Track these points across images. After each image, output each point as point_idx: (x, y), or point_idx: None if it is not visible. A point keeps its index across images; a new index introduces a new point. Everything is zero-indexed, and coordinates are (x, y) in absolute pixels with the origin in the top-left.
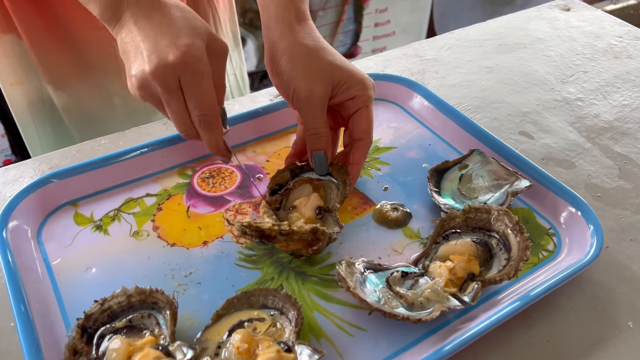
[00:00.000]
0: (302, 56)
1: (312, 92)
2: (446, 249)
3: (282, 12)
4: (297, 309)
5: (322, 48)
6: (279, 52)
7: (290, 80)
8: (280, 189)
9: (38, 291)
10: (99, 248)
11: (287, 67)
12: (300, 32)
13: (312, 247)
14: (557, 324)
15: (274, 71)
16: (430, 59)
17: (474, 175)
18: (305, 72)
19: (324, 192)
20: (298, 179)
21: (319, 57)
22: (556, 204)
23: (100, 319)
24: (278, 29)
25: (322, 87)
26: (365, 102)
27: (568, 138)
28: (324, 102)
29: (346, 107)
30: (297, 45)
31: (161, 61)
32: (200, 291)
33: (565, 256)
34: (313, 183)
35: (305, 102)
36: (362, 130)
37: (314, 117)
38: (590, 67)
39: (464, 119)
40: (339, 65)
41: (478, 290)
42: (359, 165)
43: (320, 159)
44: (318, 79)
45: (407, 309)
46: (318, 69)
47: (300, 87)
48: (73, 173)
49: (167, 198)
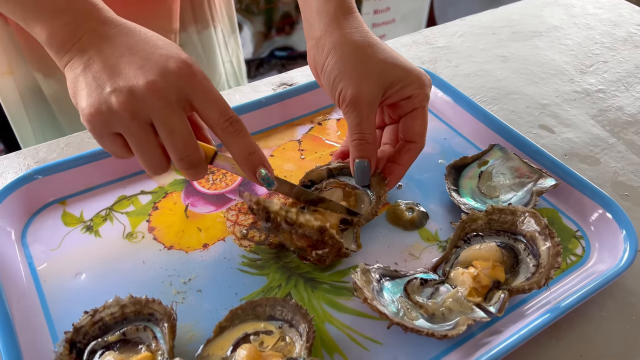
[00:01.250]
0: (349, 55)
1: (360, 94)
2: (468, 254)
3: (326, 4)
4: (308, 322)
5: (372, 44)
6: (324, 50)
7: (337, 82)
8: (311, 185)
9: (22, 300)
10: (90, 251)
11: (333, 67)
12: (346, 26)
13: (316, 250)
14: (589, 335)
15: (318, 71)
16: (442, 46)
17: (494, 173)
18: (352, 72)
19: (354, 202)
20: (332, 180)
21: (368, 55)
22: (583, 205)
23: (91, 333)
24: (322, 23)
25: (371, 90)
26: (421, 102)
27: (591, 132)
28: (372, 106)
29: (400, 106)
30: (344, 42)
31: (162, 71)
32: (200, 300)
33: (596, 262)
34: (346, 190)
35: (351, 105)
36: (416, 133)
37: (360, 122)
38: (610, 56)
39: (482, 112)
40: (392, 64)
41: (505, 300)
42: (405, 169)
43: (362, 168)
44: (367, 81)
45: (427, 320)
46: (367, 70)
47: (346, 89)
48: (60, 168)
49: (163, 196)
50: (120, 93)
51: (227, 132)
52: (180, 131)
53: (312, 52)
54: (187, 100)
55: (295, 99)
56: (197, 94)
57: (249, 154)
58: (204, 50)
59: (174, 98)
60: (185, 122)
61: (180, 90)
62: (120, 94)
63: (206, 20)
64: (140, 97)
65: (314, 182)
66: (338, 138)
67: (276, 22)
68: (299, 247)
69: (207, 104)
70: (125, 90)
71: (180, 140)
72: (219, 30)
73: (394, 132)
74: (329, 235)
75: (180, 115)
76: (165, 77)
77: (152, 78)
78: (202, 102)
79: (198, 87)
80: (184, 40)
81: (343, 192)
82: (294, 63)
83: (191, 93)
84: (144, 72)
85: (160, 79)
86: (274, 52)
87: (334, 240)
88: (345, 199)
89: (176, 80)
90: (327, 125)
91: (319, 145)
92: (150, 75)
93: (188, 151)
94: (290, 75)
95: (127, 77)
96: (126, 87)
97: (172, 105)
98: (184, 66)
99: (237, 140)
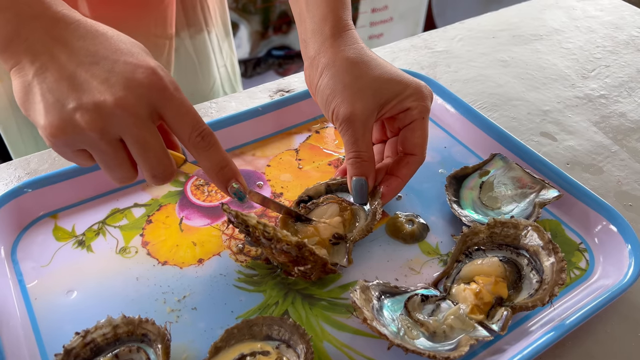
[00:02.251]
0: (342, 72)
1: (353, 113)
2: (470, 269)
3: (320, 24)
4: (306, 342)
5: (365, 61)
6: (318, 69)
7: (330, 101)
8: (309, 200)
9: (12, 320)
10: (81, 267)
11: (325, 85)
12: (340, 44)
13: (298, 266)
14: (594, 354)
15: (313, 90)
16: (441, 51)
17: (495, 183)
18: (345, 90)
19: (350, 217)
20: (329, 196)
21: (362, 72)
22: (587, 216)
23: (82, 355)
24: (316, 43)
25: (365, 107)
26: (420, 114)
27: (593, 140)
28: (366, 124)
29: (399, 119)
30: (337, 60)
31: (131, 84)
32: (195, 318)
33: (600, 276)
34: (342, 205)
35: (345, 123)
36: (415, 145)
37: (355, 140)
38: (611, 60)
39: (482, 119)
40: (387, 79)
41: (508, 317)
42: (404, 182)
43: (360, 186)
44: (360, 99)
45: (428, 338)
46: (360, 87)
47: (339, 107)
48: (51, 181)
49: (157, 209)
50: (85, 111)
51: (199, 147)
52: (153, 148)
53: (307, 72)
54: (158, 114)
55: (292, 107)
56: (169, 108)
57: (221, 168)
58: (197, 55)
59: (145, 113)
60: (157, 137)
61: (151, 104)
62: (85, 112)
63: (199, 24)
64: (109, 114)
65: (311, 198)
66: (336, 147)
67: (273, 21)
68: (281, 262)
69: (179, 118)
70: (92, 107)
71: (154, 157)
72: (213, 34)
73: (396, 145)
74: (308, 251)
75: (152, 130)
76: (134, 91)
77: (120, 94)
78: (174, 116)
79: (169, 100)
80: (177, 45)
81: (340, 208)
82: (291, 62)
83: (162, 107)
84: (110, 86)
85: (129, 94)
86: (271, 51)
87: (315, 257)
88: (341, 213)
89: (147, 93)
90: (324, 133)
91: (316, 154)
92: (119, 90)
93: (162, 167)
94: (287, 81)
95: (91, 92)
96: (92, 104)
97: (144, 121)
98: (154, 78)
99: (209, 155)
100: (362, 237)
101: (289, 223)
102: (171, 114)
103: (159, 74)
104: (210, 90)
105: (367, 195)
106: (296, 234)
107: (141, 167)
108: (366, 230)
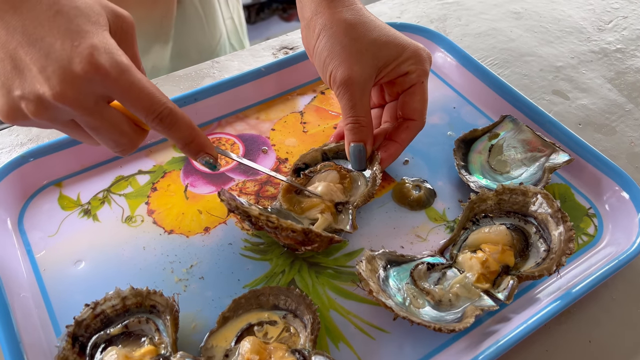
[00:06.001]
0: (339, 35)
1: (351, 76)
2: (477, 237)
3: None
4: (312, 313)
5: (364, 22)
6: (315, 31)
7: (327, 63)
8: (305, 168)
9: (22, 291)
10: (88, 237)
11: (323, 48)
12: (337, 5)
13: (305, 246)
14: (599, 320)
15: (310, 52)
16: (451, 2)
17: (505, 146)
18: (343, 52)
19: (349, 184)
20: (327, 163)
21: (359, 34)
22: (599, 181)
23: (93, 326)
24: (312, 3)
25: (362, 70)
26: (419, 78)
27: (607, 98)
28: (365, 88)
29: (398, 83)
30: (334, 21)
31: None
32: (203, 287)
33: (608, 243)
34: (341, 172)
35: (342, 87)
36: (414, 110)
37: (354, 105)
38: (629, 10)
39: (493, 78)
40: (385, 42)
41: (514, 287)
42: (402, 147)
43: (358, 152)
44: (358, 61)
45: (434, 306)
46: (358, 50)
47: (337, 70)
48: (54, 149)
49: (161, 176)
50: (29, 102)
51: (158, 129)
52: (106, 130)
53: (304, 33)
54: (108, 97)
55: (296, 67)
56: (116, 94)
57: (185, 145)
58: (204, 8)
59: (90, 102)
60: (108, 119)
61: (94, 93)
62: (29, 102)
63: None
64: (51, 106)
65: (308, 165)
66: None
67: None
68: (287, 244)
69: (130, 103)
70: (33, 99)
71: (109, 139)
72: None
73: (395, 110)
74: (315, 235)
75: (101, 114)
76: (72, 85)
77: (57, 89)
78: (124, 102)
79: (114, 86)
80: None
81: (339, 175)
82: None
83: (109, 93)
84: (47, 78)
85: (67, 88)
86: None
87: (322, 237)
88: (341, 181)
89: (86, 85)
90: (330, 94)
91: (322, 117)
92: (56, 85)
93: (120, 146)
94: (290, 38)
95: (32, 81)
96: (33, 96)
97: (89, 109)
98: (91, 67)
99: (171, 134)
100: (365, 202)
101: (290, 194)
102: (120, 99)
103: (96, 61)
104: (217, 45)
105: (365, 161)
106: (299, 204)
107: (100, 143)
108: (368, 195)
